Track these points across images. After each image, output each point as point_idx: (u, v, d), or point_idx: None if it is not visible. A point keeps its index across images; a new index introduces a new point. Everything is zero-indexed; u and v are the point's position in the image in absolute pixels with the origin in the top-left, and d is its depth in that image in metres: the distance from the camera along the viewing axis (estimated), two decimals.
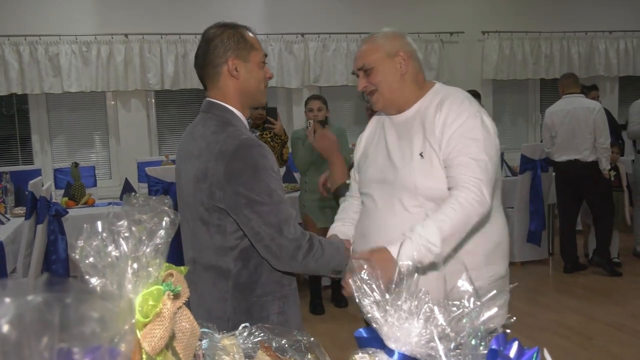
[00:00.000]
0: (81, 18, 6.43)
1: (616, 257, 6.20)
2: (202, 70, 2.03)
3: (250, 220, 1.87)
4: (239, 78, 1.99)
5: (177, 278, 1.02)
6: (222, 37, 2.00)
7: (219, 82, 2.00)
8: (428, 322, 0.87)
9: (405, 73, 2.13)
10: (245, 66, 2.00)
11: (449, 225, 1.87)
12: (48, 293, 0.48)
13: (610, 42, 8.18)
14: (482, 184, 1.92)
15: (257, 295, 1.97)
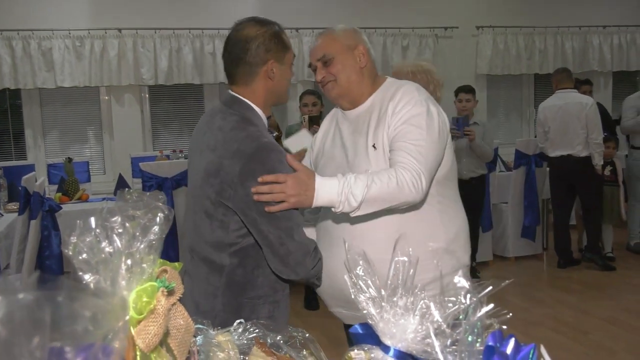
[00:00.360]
0: (74, 13, 6.40)
1: (610, 251, 6.22)
2: (236, 67, 1.99)
3: (260, 223, 1.85)
4: (274, 80, 1.99)
5: (171, 274, 1.02)
6: (265, 37, 1.97)
7: (252, 81, 1.98)
8: (424, 319, 0.87)
9: (364, 67, 2.15)
10: (281, 69, 2.00)
11: (377, 190, 1.84)
12: (39, 291, 0.48)
13: (604, 37, 8.19)
14: (421, 173, 1.90)
15: (249, 296, 1.96)
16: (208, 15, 6.67)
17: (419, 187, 1.88)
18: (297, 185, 1.81)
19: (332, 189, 1.84)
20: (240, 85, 2.00)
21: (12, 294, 0.45)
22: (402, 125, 2.00)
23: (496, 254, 6.36)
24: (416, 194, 1.89)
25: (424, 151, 1.95)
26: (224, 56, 2.04)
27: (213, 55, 6.70)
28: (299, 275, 1.91)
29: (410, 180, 1.87)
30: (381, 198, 1.86)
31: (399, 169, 1.89)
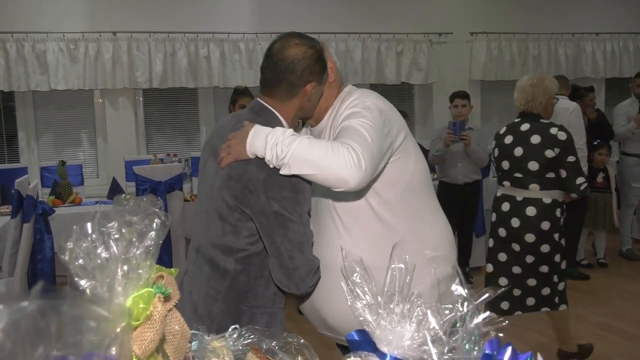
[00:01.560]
0: (69, 15, 6.39)
1: (602, 257, 6.25)
2: (278, 85, 1.97)
3: (275, 234, 1.85)
4: (310, 100, 2.01)
5: (167, 280, 1.02)
6: (311, 60, 1.96)
7: (289, 99, 1.98)
8: (420, 326, 0.87)
9: (332, 82, 2.12)
10: (319, 89, 2.02)
11: (308, 148, 1.75)
12: (42, 300, 0.48)
13: (597, 44, 8.23)
14: (360, 152, 1.75)
15: (250, 305, 1.96)
16: (203, 19, 6.68)
17: (356, 164, 1.73)
18: (238, 137, 1.84)
19: (263, 132, 1.80)
20: (274, 97, 2.00)
21: (15, 303, 0.45)
22: (343, 121, 1.92)
23: None
24: (352, 172, 1.72)
25: (367, 134, 1.82)
26: (266, 69, 2.00)
27: (208, 59, 6.70)
28: (300, 291, 1.92)
29: (347, 155, 1.73)
30: (309, 158, 1.74)
31: (338, 143, 1.78)
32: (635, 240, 6.71)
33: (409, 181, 2.04)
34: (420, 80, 7.54)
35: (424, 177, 2.11)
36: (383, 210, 2.00)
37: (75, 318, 0.53)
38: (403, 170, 2.02)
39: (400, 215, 2.02)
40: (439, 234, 2.11)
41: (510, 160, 3.73)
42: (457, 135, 5.26)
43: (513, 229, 3.66)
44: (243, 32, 6.82)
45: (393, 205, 2.01)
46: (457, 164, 5.52)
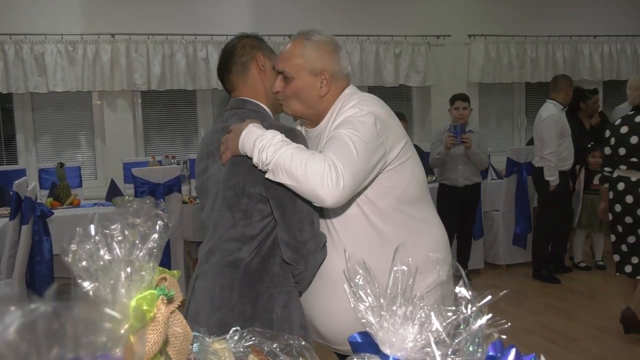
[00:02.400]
0: (67, 17, 6.39)
1: (600, 259, 6.26)
2: (229, 71, 2.10)
3: (284, 204, 1.88)
4: (267, 74, 2.08)
5: (170, 282, 1.02)
6: (247, 40, 2.12)
7: (248, 78, 2.08)
8: (423, 328, 0.88)
9: (325, 95, 2.02)
10: (271, 64, 2.09)
11: (288, 159, 1.72)
12: (55, 301, 0.48)
13: (594, 47, 8.25)
14: (340, 170, 1.71)
15: (266, 285, 1.97)
16: (201, 21, 6.68)
17: (334, 183, 1.69)
18: (235, 132, 1.87)
19: (254, 135, 1.81)
20: (239, 86, 2.09)
21: (28, 304, 0.45)
22: (336, 128, 1.88)
23: (487, 261, 6.38)
24: (329, 190, 1.69)
25: (354, 149, 1.77)
26: (218, 71, 2.14)
27: (206, 62, 6.70)
28: (308, 265, 1.94)
29: (326, 171, 1.69)
30: (291, 171, 1.72)
31: (320, 156, 1.73)
32: None
33: (405, 190, 1.99)
34: (418, 83, 7.55)
35: (420, 186, 2.06)
36: (376, 218, 1.97)
37: (88, 319, 0.53)
38: (398, 179, 1.98)
39: (394, 223, 1.98)
40: (434, 241, 2.07)
41: (626, 147, 4.29)
42: (458, 138, 5.26)
43: (627, 205, 4.26)
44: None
45: (387, 213, 1.98)
46: (457, 167, 5.52)
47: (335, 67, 2.04)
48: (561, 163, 5.68)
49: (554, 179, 5.62)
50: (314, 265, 1.96)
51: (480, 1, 7.88)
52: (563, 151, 5.67)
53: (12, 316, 0.42)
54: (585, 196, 6.09)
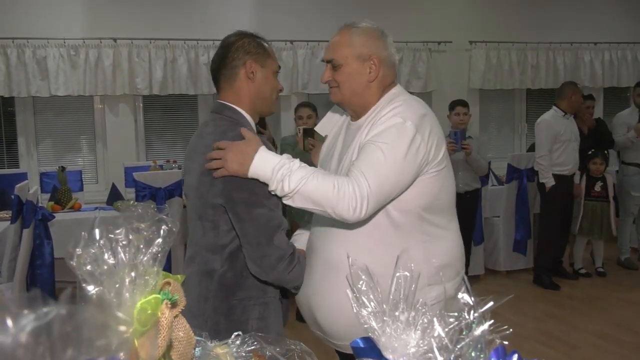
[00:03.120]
0: (70, 22, 6.40)
1: (601, 266, 6.27)
2: (219, 72, 2.09)
3: (243, 220, 1.89)
4: (255, 81, 2.05)
5: (174, 287, 1.03)
6: (243, 42, 2.07)
7: (234, 83, 2.05)
8: (425, 333, 0.88)
9: (374, 80, 2.03)
10: (262, 71, 2.06)
11: (313, 188, 1.78)
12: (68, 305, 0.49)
13: (595, 54, 8.27)
14: (367, 196, 1.77)
15: (239, 298, 1.98)
16: (203, 26, 6.70)
17: (358, 208, 1.76)
18: (237, 153, 1.84)
19: (269, 163, 1.82)
20: (226, 90, 2.08)
21: (42, 307, 0.46)
22: (372, 137, 1.88)
23: (488, 267, 6.38)
24: (352, 214, 1.77)
25: (382, 171, 1.81)
26: (211, 67, 2.14)
27: (208, 66, 6.66)
28: (270, 278, 1.95)
29: (351, 196, 1.76)
30: (314, 198, 1.78)
31: (347, 181, 1.79)
32: (633, 249, 6.72)
33: (433, 199, 1.97)
34: (419, 89, 7.56)
35: (448, 196, 2.05)
36: (396, 214, 1.94)
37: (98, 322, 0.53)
38: (430, 187, 1.96)
39: (412, 224, 1.96)
40: (447, 253, 2.03)
41: None
42: (458, 144, 5.26)
43: None
44: None
45: (408, 214, 1.95)
46: (457, 173, 5.52)
47: (382, 53, 2.07)
48: (558, 168, 5.76)
49: (547, 181, 5.72)
50: (279, 279, 1.95)
51: (481, 8, 7.90)
52: (559, 156, 5.75)
53: (26, 319, 0.43)
54: (586, 202, 6.09)
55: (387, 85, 2.08)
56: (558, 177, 5.73)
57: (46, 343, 0.44)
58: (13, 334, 0.41)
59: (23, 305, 0.44)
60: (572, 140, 5.77)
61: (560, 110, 5.79)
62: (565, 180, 5.80)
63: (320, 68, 7.11)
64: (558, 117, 5.77)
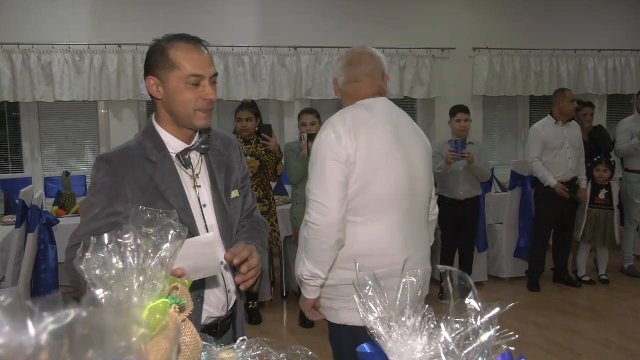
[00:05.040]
0: (75, 27, 6.44)
1: (604, 274, 6.25)
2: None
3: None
4: (162, 98, 1.85)
5: (182, 291, 1.03)
6: (148, 54, 1.87)
7: (153, 100, 1.91)
8: (432, 339, 0.89)
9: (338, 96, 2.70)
10: (166, 87, 1.83)
11: (309, 254, 2.34)
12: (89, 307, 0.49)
13: (599, 61, 8.28)
14: (316, 200, 2.26)
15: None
16: (207, 32, 6.67)
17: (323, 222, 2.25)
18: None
19: (306, 294, 2.42)
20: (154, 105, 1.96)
21: (63, 310, 0.47)
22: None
23: (491, 274, 6.37)
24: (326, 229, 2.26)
25: (315, 177, 2.31)
26: None
27: None
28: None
29: (312, 228, 2.29)
30: (314, 262, 2.33)
31: (304, 227, 2.37)
32: (637, 257, 6.71)
33: (354, 199, 2.33)
34: (423, 95, 7.58)
35: (365, 191, 2.32)
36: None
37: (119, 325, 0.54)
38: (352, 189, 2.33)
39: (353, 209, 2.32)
40: (352, 241, 2.32)
41: None
42: (459, 153, 5.25)
43: None
44: (247, 46, 6.87)
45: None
46: (459, 180, 5.53)
47: (337, 76, 2.63)
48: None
49: (548, 180, 5.81)
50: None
51: (485, 15, 7.92)
52: (550, 163, 5.83)
53: (47, 321, 0.44)
54: (590, 210, 6.09)
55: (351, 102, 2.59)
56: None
57: (66, 345, 0.45)
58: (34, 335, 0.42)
59: (43, 307, 0.45)
60: (565, 147, 5.79)
61: (552, 118, 5.88)
62: None
63: (324, 73, 7.17)
64: (549, 124, 5.88)
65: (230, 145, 2.09)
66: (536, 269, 6.06)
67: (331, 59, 7.17)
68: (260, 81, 6.94)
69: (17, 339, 0.42)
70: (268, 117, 7.10)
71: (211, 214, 1.94)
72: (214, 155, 2.00)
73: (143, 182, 1.82)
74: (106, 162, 1.84)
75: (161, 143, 1.89)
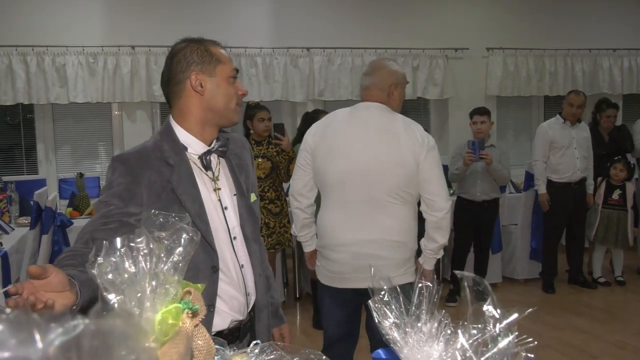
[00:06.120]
0: (88, 29, 6.46)
1: (620, 275, 6.19)
2: (166, 88, 1.91)
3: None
4: (204, 94, 1.85)
5: (194, 296, 1.03)
6: (185, 52, 1.87)
7: (181, 101, 1.87)
8: (448, 345, 0.87)
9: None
10: (211, 81, 1.86)
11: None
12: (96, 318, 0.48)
13: (614, 60, 8.20)
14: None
15: None
16: (220, 33, 6.67)
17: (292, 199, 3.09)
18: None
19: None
20: (173, 107, 1.91)
21: (70, 321, 0.46)
22: None
23: (505, 275, 6.33)
24: (295, 202, 3.07)
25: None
26: (160, 82, 1.98)
27: None
28: None
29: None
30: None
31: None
32: None
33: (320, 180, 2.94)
34: (436, 96, 7.55)
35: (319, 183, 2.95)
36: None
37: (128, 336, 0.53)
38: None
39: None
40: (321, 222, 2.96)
41: None
42: (476, 154, 5.21)
43: None
44: (260, 47, 6.87)
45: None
46: (476, 182, 5.48)
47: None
48: (556, 175, 5.83)
49: (538, 187, 5.85)
50: None
51: (498, 14, 7.87)
52: (557, 163, 5.81)
53: (55, 333, 0.43)
54: (603, 210, 6.03)
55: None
56: (558, 185, 5.80)
57: (74, 358, 0.44)
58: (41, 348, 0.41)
59: (50, 318, 0.44)
60: (573, 147, 5.75)
61: (561, 118, 5.87)
62: (566, 188, 5.79)
63: (336, 74, 7.16)
64: (557, 123, 5.88)
65: (243, 147, 2.09)
66: (549, 270, 6.02)
67: (344, 59, 7.15)
68: (273, 82, 6.94)
69: (23, 351, 0.41)
70: (280, 118, 7.10)
71: (233, 216, 1.93)
72: (232, 158, 1.99)
73: (159, 185, 1.80)
74: (122, 162, 1.82)
75: (179, 145, 1.87)
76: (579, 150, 5.77)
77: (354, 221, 2.80)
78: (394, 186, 2.78)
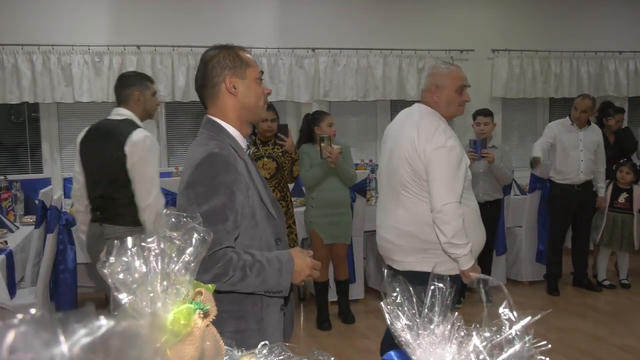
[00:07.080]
0: (94, 29, 6.47)
1: (625, 278, 6.18)
2: (202, 91, 2.13)
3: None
4: (237, 95, 2.08)
5: (206, 296, 1.02)
6: (219, 58, 2.09)
7: (218, 101, 2.10)
8: (461, 347, 0.87)
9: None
10: (243, 83, 2.09)
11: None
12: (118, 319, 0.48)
13: (620, 63, 8.18)
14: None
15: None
16: (226, 34, 6.70)
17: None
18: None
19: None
20: (211, 107, 2.13)
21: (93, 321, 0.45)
22: None
23: (510, 277, 6.32)
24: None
25: None
26: (194, 87, 2.19)
27: None
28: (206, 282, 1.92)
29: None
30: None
31: None
32: None
33: None
34: None
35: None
36: None
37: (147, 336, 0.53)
38: None
39: None
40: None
41: None
42: (477, 153, 5.22)
43: None
44: (265, 47, 6.86)
45: None
46: (478, 182, 5.48)
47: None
48: (559, 176, 5.87)
49: (533, 149, 5.94)
50: (217, 284, 1.88)
51: (504, 16, 7.86)
52: (560, 164, 5.85)
53: (78, 334, 0.42)
54: (608, 213, 6.02)
55: None
56: (562, 187, 5.83)
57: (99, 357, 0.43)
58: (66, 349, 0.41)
59: (74, 319, 0.44)
60: (579, 150, 5.75)
61: (569, 119, 5.90)
62: (570, 190, 5.78)
63: (342, 75, 7.15)
64: (564, 124, 5.92)
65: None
66: (553, 272, 6.00)
67: (349, 60, 7.14)
68: (278, 82, 6.94)
69: (47, 353, 0.41)
70: (285, 119, 7.09)
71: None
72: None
73: (245, 182, 1.99)
74: (224, 160, 1.96)
75: (236, 142, 2.08)
76: (585, 152, 5.76)
77: (381, 208, 3.34)
78: (404, 180, 3.09)
